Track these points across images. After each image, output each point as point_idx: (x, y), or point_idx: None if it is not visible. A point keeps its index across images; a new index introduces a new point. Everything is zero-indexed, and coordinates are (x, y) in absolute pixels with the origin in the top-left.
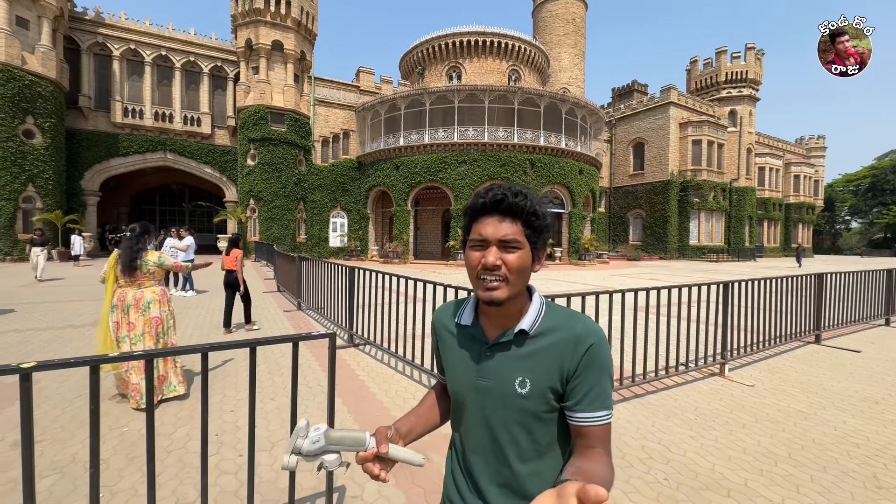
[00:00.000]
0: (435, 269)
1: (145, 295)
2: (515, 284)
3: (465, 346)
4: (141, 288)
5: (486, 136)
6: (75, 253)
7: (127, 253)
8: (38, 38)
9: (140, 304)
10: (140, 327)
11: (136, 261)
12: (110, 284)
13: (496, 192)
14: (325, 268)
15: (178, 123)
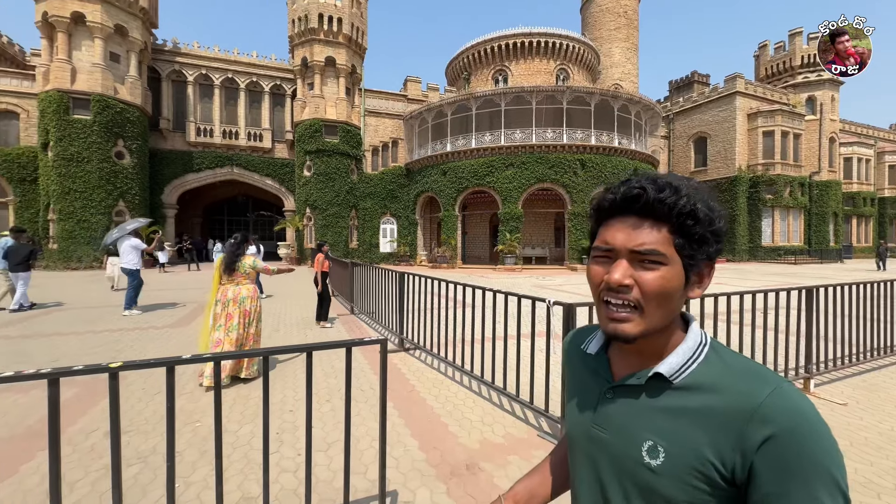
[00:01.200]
0: (483, 274)
1: (241, 291)
2: (654, 316)
3: (586, 381)
4: (238, 285)
5: (534, 138)
6: (162, 261)
7: (229, 256)
8: (126, 70)
9: (237, 299)
10: (236, 318)
11: (235, 263)
12: (216, 282)
13: (631, 185)
14: (375, 273)
15: (243, 140)
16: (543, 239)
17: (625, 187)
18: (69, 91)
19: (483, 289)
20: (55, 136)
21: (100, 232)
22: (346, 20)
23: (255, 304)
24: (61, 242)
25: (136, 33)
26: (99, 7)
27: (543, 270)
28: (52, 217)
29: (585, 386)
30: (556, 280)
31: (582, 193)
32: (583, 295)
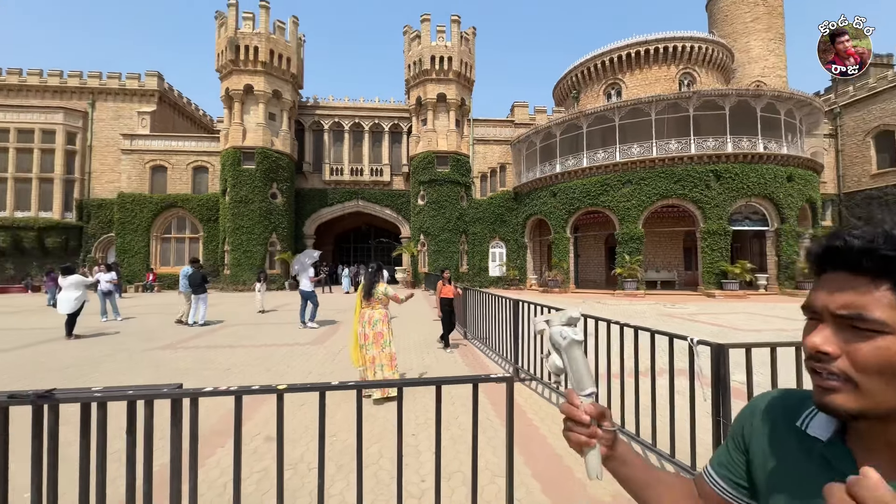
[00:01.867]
0: (599, 299)
1: (375, 315)
2: (878, 394)
3: (806, 473)
4: (373, 309)
5: (655, 151)
6: None
7: (367, 283)
8: (280, 126)
9: (372, 322)
10: (371, 338)
11: (372, 289)
12: (358, 306)
13: (837, 235)
14: (488, 300)
15: (367, 175)
16: (670, 261)
17: (836, 236)
18: (241, 147)
19: (607, 321)
20: (230, 183)
21: (258, 260)
22: (456, 58)
23: (386, 327)
24: (232, 269)
25: (287, 95)
26: (262, 78)
27: (671, 296)
28: (226, 248)
29: (805, 478)
30: (688, 308)
31: (717, 209)
32: (724, 327)
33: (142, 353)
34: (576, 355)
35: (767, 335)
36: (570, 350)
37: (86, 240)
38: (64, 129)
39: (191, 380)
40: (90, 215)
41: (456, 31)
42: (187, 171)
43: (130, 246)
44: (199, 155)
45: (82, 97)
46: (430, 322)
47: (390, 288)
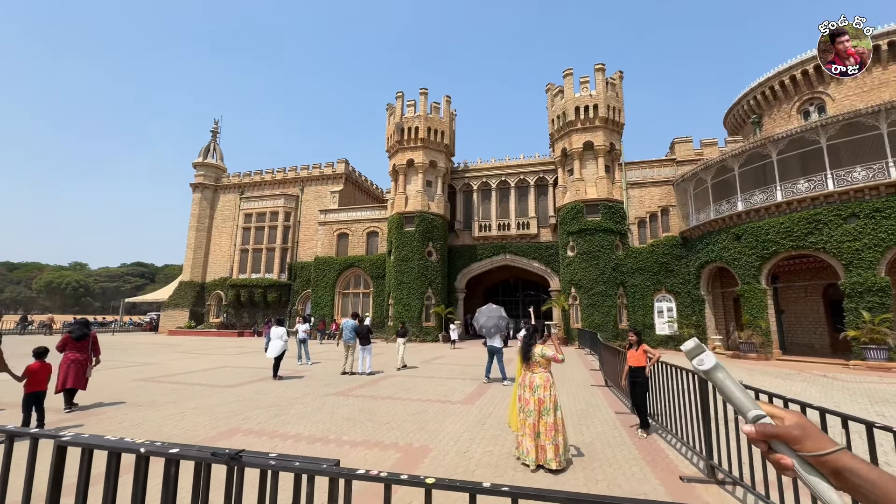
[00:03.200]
0: (825, 372)
1: (535, 379)
2: None
3: None
4: (533, 373)
5: (893, 173)
6: (453, 338)
7: (523, 346)
8: (436, 191)
9: (532, 386)
10: (532, 404)
11: (528, 352)
12: (519, 368)
13: None
14: (663, 371)
15: (514, 229)
16: None
17: None
18: (403, 212)
19: (872, 425)
20: (395, 244)
21: (416, 312)
22: (602, 104)
23: (548, 393)
24: (395, 320)
25: (441, 163)
26: (421, 152)
27: None
28: (390, 302)
29: None
30: None
31: None
32: None
33: (322, 399)
34: (719, 380)
35: None
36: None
37: (292, 295)
38: (283, 209)
39: (356, 431)
40: (295, 275)
41: (601, 78)
42: (363, 236)
43: (321, 299)
44: (371, 222)
45: (296, 185)
46: (586, 387)
47: (548, 348)
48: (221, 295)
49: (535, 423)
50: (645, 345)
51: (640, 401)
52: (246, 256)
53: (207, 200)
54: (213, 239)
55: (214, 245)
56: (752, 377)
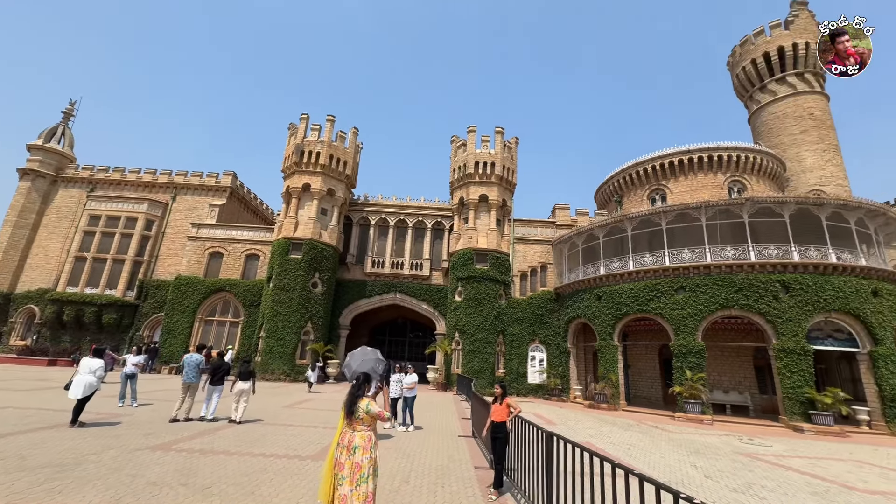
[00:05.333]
0: (656, 423)
1: (355, 439)
2: None
3: None
4: (354, 431)
5: (709, 257)
6: (311, 380)
7: (348, 398)
8: (330, 220)
9: (350, 447)
10: (346, 469)
11: (354, 405)
12: (340, 423)
13: None
14: (517, 423)
15: (407, 269)
16: (739, 381)
17: None
18: (291, 237)
19: None
20: (276, 271)
21: (290, 349)
22: (499, 163)
23: (367, 456)
24: (263, 356)
25: (340, 193)
26: (320, 178)
27: (746, 426)
28: (261, 335)
29: None
30: (773, 446)
31: (791, 324)
32: (830, 482)
33: (130, 454)
34: None
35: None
36: None
37: (138, 318)
38: (145, 216)
39: (157, 501)
40: (147, 295)
41: (500, 140)
42: (240, 258)
43: (175, 326)
44: (253, 244)
45: (167, 191)
46: (453, 438)
47: (375, 404)
48: (35, 311)
49: (347, 496)
50: (509, 398)
51: (500, 457)
52: (82, 266)
53: (40, 192)
54: (37, 240)
55: (38, 248)
56: (602, 427)
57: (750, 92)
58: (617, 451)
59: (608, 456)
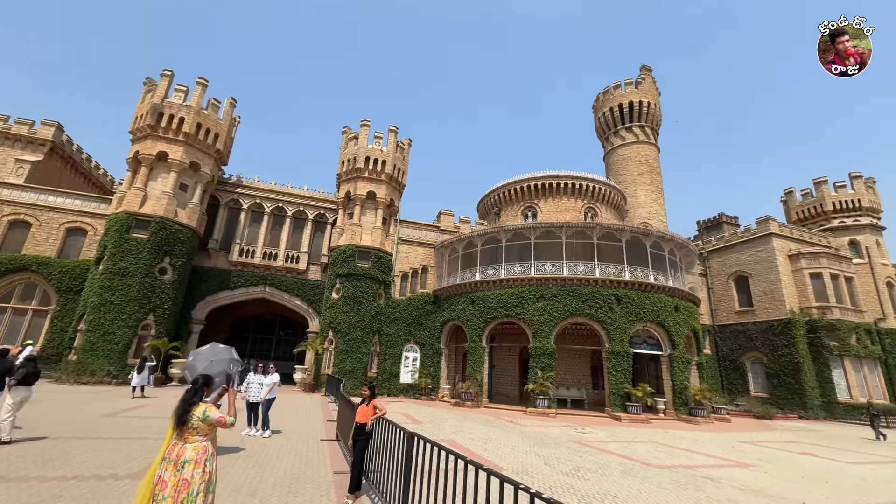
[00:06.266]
0: (512, 418)
1: (186, 452)
2: None
3: None
4: (186, 443)
5: (565, 271)
6: (134, 383)
7: (180, 405)
8: (190, 198)
9: (179, 462)
10: (169, 488)
11: (187, 413)
12: (169, 433)
13: None
14: (380, 424)
15: (281, 261)
16: (579, 379)
17: None
18: (136, 213)
19: None
20: (111, 251)
21: (121, 346)
22: (390, 162)
23: (200, 470)
24: (81, 354)
25: (207, 169)
26: (182, 149)
27: (581, 418)
28: (81, 328)
29: None
30: (599, 434)
31: (619, 331)
32: (634, 461)
33: None
34: None
35: (676, 474)
36: None
37: None
38: None
39: None
40: None
41: (392, 139)
42: (59, 232)
43: None
44: (80, 215)
45: None
46: (315, 442)
47: (216, 409)
48: None
49: None
50: (376, 400)
51: (359, 459)
52: None
53: None
54: None
55: None
56: (464, 424)
57: (606, 134)
58: (475, 446)
59: (463, 453)
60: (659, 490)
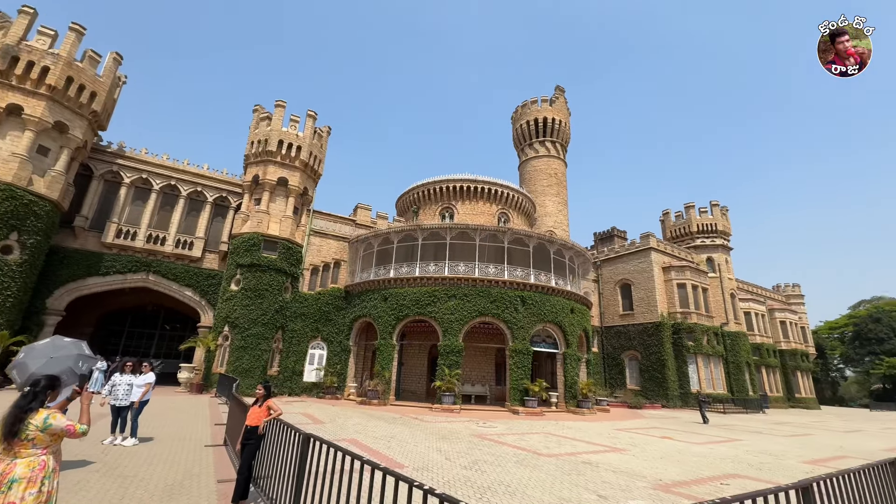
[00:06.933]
0: (418, 414)
1: (16, 469)
2: None
3: None
4: (17, 458)
5: (477, 272)
6: None
7: (12, 412)
8: (52, 164)
9: (4, 481)
10: None
11: (19, 423)
12: None
13: None
14: (273, 426)
15: (170, 246)
16: (484, 376)
17: None
18: None
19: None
20: None
21: None
22: (305, 148)
23: (35, 490)
24: None
25: (77, 132)
26: (44, 104)
27: (483, 412)
28: None
29: None
30: (498, 427)
31: (522, 330)
32: (528, 451)
33: None
34: None
35: (561, 461)
36: None
37: None
38: None
39: None
40: None
41: (311, 124)
42: None
43: None
44: None
45: None
46: (199, 449)
47: (62, 416)
48: None
49: None
50: (271, 400)
51: (247, 465)
52: None
53: None
54: None
55: None
56: (369, 422)
57: (522, 145)
58: (379, 445)
59: (365, 452)
60: (546, 477)
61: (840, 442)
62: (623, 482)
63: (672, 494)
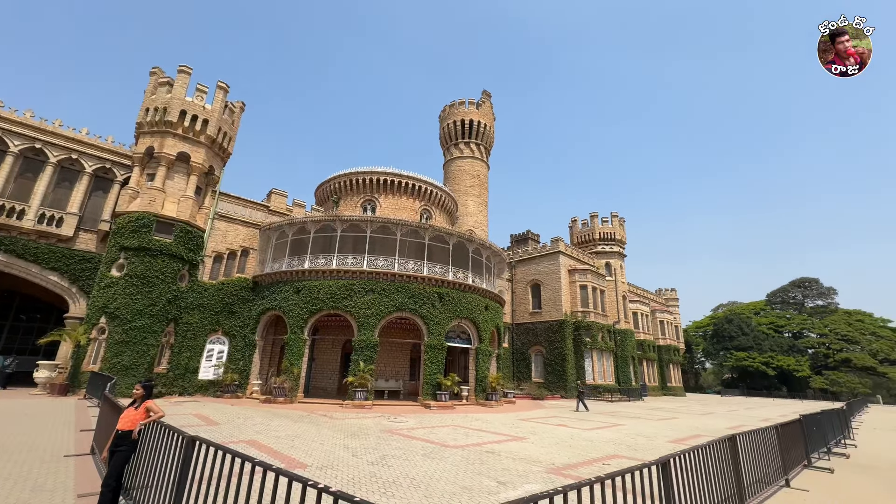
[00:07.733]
0: (326, 411)
1: None
2: None
3: None
4: None
5: (397, 267)
6: None
7: None
8: None
9: None
10: None
11: None
12: None
13: None
14: (151, 430)
15: (32, 221)
16: (398, 370)
17: None
18: None
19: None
20: None
21: None
22: (213, 123)
23: None
24: None
25: None
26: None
27: (396, 407)
28: None
29: None
30: (408, 422)
31: (438, 326)
32: (436, 444)
33: None
34: None
35: (467, 452)
36: None
37: None
38: None
39: None
40: None
41: (221, 97)
42: None
43: None
44: None
45: None
46: (56, 459)
47: None
48: None
49: None
50: (150, 401)
51: (115, 475)
52: None
53: None
54: None
55: None
56: (272, 421)
57: (448, 145)
58: (280, 445)
59: (264, 453)
60: (451, 468)
61: (697, 423)
62: (521, 468)
63: (562, 477)
